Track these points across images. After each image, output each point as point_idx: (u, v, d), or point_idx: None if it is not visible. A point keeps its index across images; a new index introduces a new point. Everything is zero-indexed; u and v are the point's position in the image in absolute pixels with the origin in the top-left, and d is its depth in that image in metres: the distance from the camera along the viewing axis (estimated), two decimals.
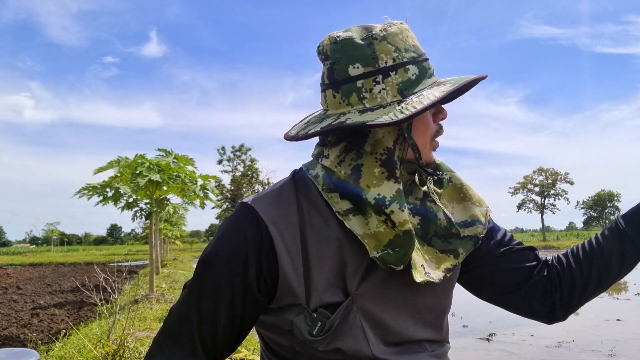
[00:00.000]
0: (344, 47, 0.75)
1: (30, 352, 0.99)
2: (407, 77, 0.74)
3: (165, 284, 10.54)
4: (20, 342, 5.58)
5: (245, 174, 49.65)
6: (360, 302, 0.73)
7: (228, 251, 0.73)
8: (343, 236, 0.74)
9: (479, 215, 0.85)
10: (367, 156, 0.74)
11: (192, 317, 0.73)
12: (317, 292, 0.72)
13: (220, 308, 0.73)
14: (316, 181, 0.77)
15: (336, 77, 0.76)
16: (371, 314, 0.74)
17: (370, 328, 0.74)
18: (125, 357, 3.71)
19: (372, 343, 0.73)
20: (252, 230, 0.73)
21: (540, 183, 46.38)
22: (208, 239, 75.93)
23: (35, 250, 67.68)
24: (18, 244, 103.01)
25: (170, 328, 0.75)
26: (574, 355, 5.35)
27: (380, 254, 0.72)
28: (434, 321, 0.81)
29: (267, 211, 0.74)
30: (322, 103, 0.82)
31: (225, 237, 0.75)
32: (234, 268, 0.72)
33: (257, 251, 0.72)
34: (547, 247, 36.37)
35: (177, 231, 25.41)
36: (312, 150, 0.84)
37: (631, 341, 5.98)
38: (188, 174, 8.21)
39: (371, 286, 0.75)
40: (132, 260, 29.90)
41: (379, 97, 0.74)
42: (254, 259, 0.72)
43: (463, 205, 0.86)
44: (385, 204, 0.71)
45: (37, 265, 27.46)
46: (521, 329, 6.72)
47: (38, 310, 7.99)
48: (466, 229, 0.84)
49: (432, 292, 0.80)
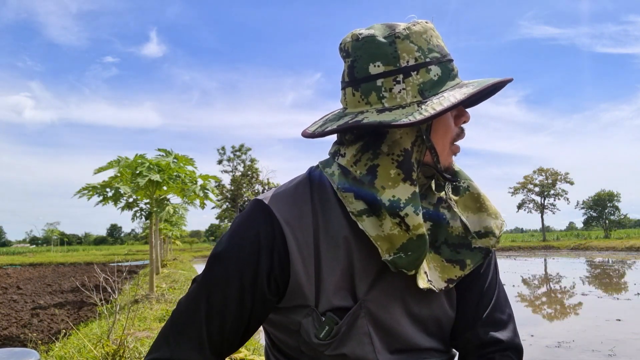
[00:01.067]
0: (365, 44, 0.74)
1: (30, 352, 0.99)
2: (428, 77, 0.72)
3: (165, 284, 10.53)
4: (20, 342, 5.58)
5: (245, 174, 49.62)
6: (368, 308, 0.73)
7: (240, 247, 0.72)
8: (353, 238, 0.73)
9: (494, 227, 0.82)
10: (384, 157, 0.72)
11: (201, 311, 0.72)
12: (326, 295, 0.72)
13: (229, 303, 0.72)
14: (332, 180, 0.76)
15: (356, 75, 0.75)
16: (379, 320, 0.73)
17: (377, 335, 0.73)
18: (125, 357, 3.71)
19: (378, 350, 0.73)
20: (265, 228, 0.72)
21: (540, 183, 46.33)
22: (208, 239, 75.94)
23: (35, 250, 67.68)
24: (18, 244, 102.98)
25: (178, 320, 0.74)
26: (574, 355, 5.35)
27: (393, 257, 0.71)
28: (439, 333, 0.80)
29: (282, 210, 0.73)
30: (341, 101, 0.81)
31: (238, 233, 0.74)
32: (246, 264, 0.72)
33: (269, 249, 0.72)
34: (547, 247, 36.36)
35: (177, 231, 25.39)
36: (329, 148, 0.83)
37: (631, 341, 5.97)
38: (188, 174, 8.21)
39: (380, 293, 0.74)
40: (132, 260, 29.90)
41: (399, 97, 0.72)
42: (266, 256, 0.72)
43: (478, 215, 0.83)
44: (400, 206, 0.70)
45: (37, 265, 27.47)
46: (521, 329, 6.67)
47: (38, 310, 7.99)
48: (479, 240, 0.81)
49: (438, 303, 0.79)
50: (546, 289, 12.20)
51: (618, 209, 45.71)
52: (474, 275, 0.83)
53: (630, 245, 30.14)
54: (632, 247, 29.48)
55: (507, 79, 0.74)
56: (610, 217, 45.48)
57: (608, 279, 14.38)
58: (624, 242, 32.37)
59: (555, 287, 12.68)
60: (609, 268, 18.26)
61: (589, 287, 12.01)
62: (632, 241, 32.31)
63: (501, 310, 0.84)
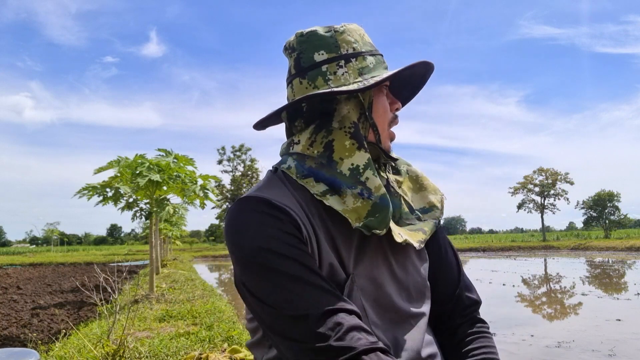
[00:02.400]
0: (309, 38, 0.84)
1: (30, 352, 0.99)
2: (365, 64, 0.82)
3: (165, 284, 10.53)
4: (20, 342, 5.58)
5: (245, 174, 49.65)
6: (358, 281, 0.78)
7: (269, 231, 0.72)
8: (328, 216, 0.79)
9: (435, 202, 0.93)
10: (337, 131, 0.80)
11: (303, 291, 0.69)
12: (325, 270, 0.76)
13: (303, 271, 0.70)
14: (289, 172, 0.82)
15: (302, 64, 0.83)
16: (369, 292, 0.79)
17: (370, 306, 0.78)
18: (125, 357, 3.71)
19: (372, 321, 0.77)
20: (277, 212, 0.73)
21: (540, 183, 46.31)
22: (208, 239, 75.84)
23: (35, 250, 67.67)
24: (18, 244, 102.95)
25: (293, 309, 0.68)
26: (574, 355, 5.35)
27: (363, 222, 0.76)
28: (421, 298, 0.87)
29: (277, 199, 0.75)
30: (288, 97, 0.87)
31: (253, 226, 0.73)
32: (286, 239, 0.71)
33: (292, 224, 0.73)
34: (547, 247, 36.34)
35: (177, 231, 25.37)
36: (280, 151, 0.89)
37: (631, 341, 5.97)
38: (188, 174, 8.21)
39: (366, 264, 0.80)
40: (132, 260, 29.91)
41: (342, 78, 0.81)
42: (295, 227, 0.73)
43: (420, 194, 0.94)
44: (359, 171, 0.78)
45: (37, 265, 27.44)
46: (521, 329, 6.72)
47: (38, 310, 7.99)
48: (425, 214, 0.91)
49: (416, 270, 0.87)
50: (546, 289, 12.20)
51: (618, 209, 45.68)
52: (440, 250, 0.94)
53: (630, 245, 30.13)
54: (632, 247, 29.47)
55: (428, 61, 0.83)
56: (610, 217, 45.45)
57: (608, 279, 14.38)
58: (624, 242, 32.36)
59: (555, 287, 12.68)
60: (609, 268, 18.26)
61: (589, 287, 12.01)
62: (632, 241, 32.30)
63: (466, 275, 0.97)
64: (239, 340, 4.53)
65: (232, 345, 4.15)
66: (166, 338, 4.72)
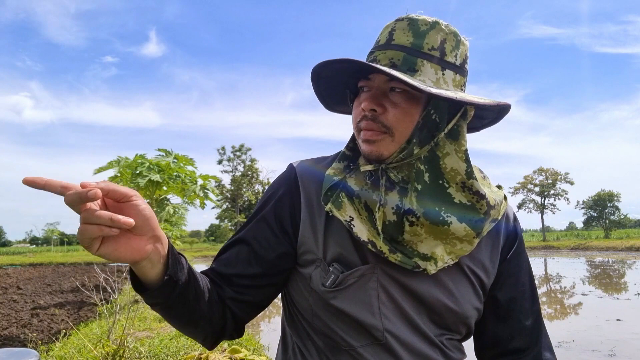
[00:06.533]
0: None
1: (30, 352, 1.00)
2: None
3: None
4: (20, 342, 5.58)
5: (245, 174, 49.58)
6: (378, 276, 0.78)
7: (271, 188, 0.91)
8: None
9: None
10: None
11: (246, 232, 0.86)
12: (333, 248, 0.80)
13: (262, 226, 0.85)
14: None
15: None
16: (386, 289, 0.79)
17: (385, 302, 0.78)
18: (125, 357, 3.71)
19: (384, 315, 0.78)
20: (289, 177, 0.88)
21: (540, 183, 46.34)
22: (208, 239, 75.85)
23: (35, 250, 67.57)
24: (18, 244, 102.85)
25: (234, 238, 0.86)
26: (574, 355, 5.35)
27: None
28: (441, 322, 0.82)
29: (301, 167, 0.89)
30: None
31: (271, 185, 0.92)
32: (273, 197, 0.87)
33: (289, 191, 0.86)
34: (547, 247, 36.36)
35: (177, 231, 25.26)
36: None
37: (631, 341, 5.98)
38: (188, 174, 8.21)
39: (387, 271, 0.79)
40: None
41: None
42: (287, 194, 0.86)
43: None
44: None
45: (37, 265, 27.44)
46: None
47: (38, 310, 7.99)
48: None
49: (428, 285, 0.82)
50: (546, 289, 12.19)
51: (618, 209, 45.73)
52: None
53: (630, 245, 30.15)
54: (632, 247, 29.48)
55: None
56: (610, 217, 45.50)
57: (608, 279, 14.39)
58: (624, 242, 32.38)
59: (555, 287, 12.67)
60: (609, 268, 18.26)
61: (589, 287, 12.01)
62: (632, 241, 32.32)
63: None
64: (239, 340, 4.53)
65: (232, 345, 4.15)
66: (166, 338, 4.73)
